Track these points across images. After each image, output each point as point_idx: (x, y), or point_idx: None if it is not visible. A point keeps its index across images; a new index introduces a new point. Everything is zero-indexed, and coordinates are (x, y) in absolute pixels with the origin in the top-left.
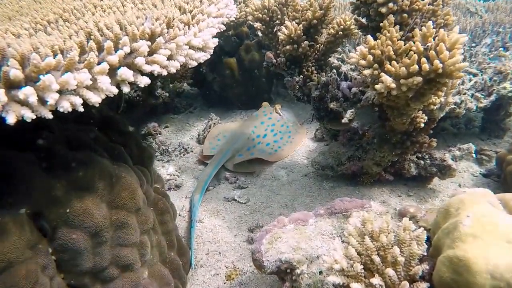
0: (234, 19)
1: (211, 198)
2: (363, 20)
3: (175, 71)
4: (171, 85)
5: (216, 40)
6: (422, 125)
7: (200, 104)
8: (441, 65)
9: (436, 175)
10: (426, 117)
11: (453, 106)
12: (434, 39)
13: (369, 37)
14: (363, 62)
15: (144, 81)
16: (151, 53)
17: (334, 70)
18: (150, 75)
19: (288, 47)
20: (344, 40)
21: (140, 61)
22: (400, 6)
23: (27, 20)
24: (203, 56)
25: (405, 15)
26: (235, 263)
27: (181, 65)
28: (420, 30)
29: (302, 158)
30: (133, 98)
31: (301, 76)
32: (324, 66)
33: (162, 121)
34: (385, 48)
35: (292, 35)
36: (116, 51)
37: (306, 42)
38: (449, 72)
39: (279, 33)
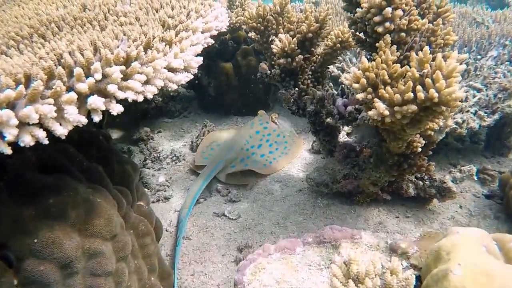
0: (227, 26)
1: (200, 212)
2: (361, 35)
3: (151, 96)
4: (164, 89)
5: (201, 58)
6: (419, 149)
7: (195, 108)
8: (436, 94)
9: (435, 196)
10: (423, 141)
11: (454, 126)
12: (431, 64)
13: (363, 59)
14: (356, 85)
15: (117, 109)
16: (125, 78)
17: (331, 84)
18: None
19: (281, 60)
20: (342, 51)
21: (112, 88)
22: (397, 25)
23: (1, 34)
24: (185, 78)
25: (403, 34)
26: (221, 286)
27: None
28: (419, 50)
29: (298, 171)
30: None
31: (297, 89)
32: (321, 78)
33: (155, 125)
34: (380, 71)
35: (286, 49)
36: (87, 78)
37: (300, 56)
38: (445, 101)
39: (272, 46)
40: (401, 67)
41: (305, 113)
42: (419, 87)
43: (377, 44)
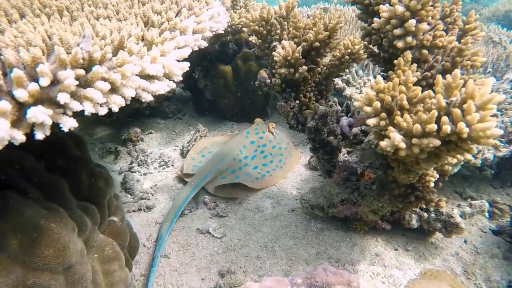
0: (228, 28)
1: (183, 227)
2: (374, 48)
3: (117, 109)
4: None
5: (187, 64)
6: (432, 184)
7: (190, 111)
8: (467, 129)
9: (440, 231)
10: (437, 175)
11: (468, 158)
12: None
13: (379, 78)
14: (368, 109)
15: (69, 124)
16: (85, 85)
17: (335, 99)
18: None
19: (283, 70)
20: (350, 64)
21: (63, 98)
22: (420, 41)
23: None
24: (164, 87)
25: (425, 51)
26: None
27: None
28: (442, 71)
29: (292, 188)
30: None
31: (297, 101)
32: (325, 91)
33: (147, 126)
34: (397, 94)
35: (289, 58)
36: (31, 82)
37: (304, 67)
38: (475, 138)
39: (274, 53)
40: (421, 88)
41: (305, 128)
42: (444, 118)
43: (395, 62)
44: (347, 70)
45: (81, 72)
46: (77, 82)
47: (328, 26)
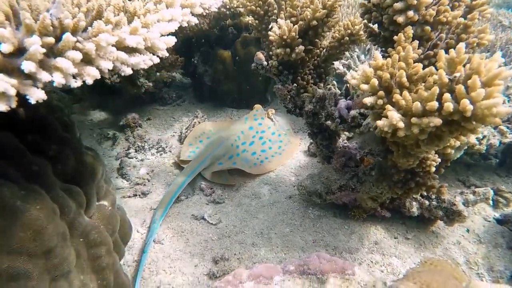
0: (218, 7)
1: (178, 212)
2: (375, 27)
3: (91, 81)
4: (158, 74)
5: (173, 39)
6: (433, 169)
7: (190, 97)
8: (471, 107)
9: (441, 219)
10: (439, 159)
11: (474, 142)
12: (464, 66)
13: (377, 54)
14: (364, 86)
15: (36, 95)
16: (56, 54)
17: (335, 82)
18: None
19: (279, 50)
20: (350, 46)
21: (28, 66)
22: (422, 16)
23: None
24: (147, 61)
25: (428, 27)
26: None
27: (111, 71)
28: (446, 49)
29: (290, 174)
30: (114, 83)
31: (295, 84)
32: (324, 74)
33: (146, 112)
34: (397, 71)
35: (285, 37)
36: None
37: (301, 47)
38: (480, 116)
39: (270, 33)
40: (423, 68)
41: (302, 112)
42: (446, 95)
43: (395, 37)
44: (348, 55)
45: (51, 40)
46: (44, 50)
47: (327, 4)
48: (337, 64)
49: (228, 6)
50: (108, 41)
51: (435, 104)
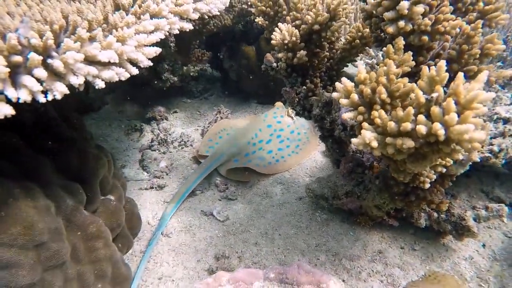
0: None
1: (190, 207)
2: (378, 32)
3: (60, 97)
4: (184, 68)
5: (154, 49)
6: (427, 185)
7: (217, 91)
8: (442, 131)
9: (450, 233)
10: (434, 176)
11: (488, 155)
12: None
13: (360, 66)
14: (344, 101)
15: (3, 112)
16: (25, 72)
17: None
18: None
19: (280, 54)
20: (364, 49)
21: None
22: (418, 25)
23: None
24: (123, 74)
25: (425, 37)
26: None
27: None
28: (448, 59)
29: (305, 175)
30: (142, 75)
31: (304, 87)
32: (336, 77)
33: (174, 104)
34: (378, 87)
35: (286, 42)
36: None
37: (302, 52)
38: (455, 140)
39: (272, 36)
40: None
41: (311, 115)
42: (421, 117)
43: (384, 49)
44: (373, 53)
45: (18, 59)
46: (8, 70)
47: (330, 7)
48: (360, 63)
49: (249, 3)
50: (75, 58)
51: (408, 126)
